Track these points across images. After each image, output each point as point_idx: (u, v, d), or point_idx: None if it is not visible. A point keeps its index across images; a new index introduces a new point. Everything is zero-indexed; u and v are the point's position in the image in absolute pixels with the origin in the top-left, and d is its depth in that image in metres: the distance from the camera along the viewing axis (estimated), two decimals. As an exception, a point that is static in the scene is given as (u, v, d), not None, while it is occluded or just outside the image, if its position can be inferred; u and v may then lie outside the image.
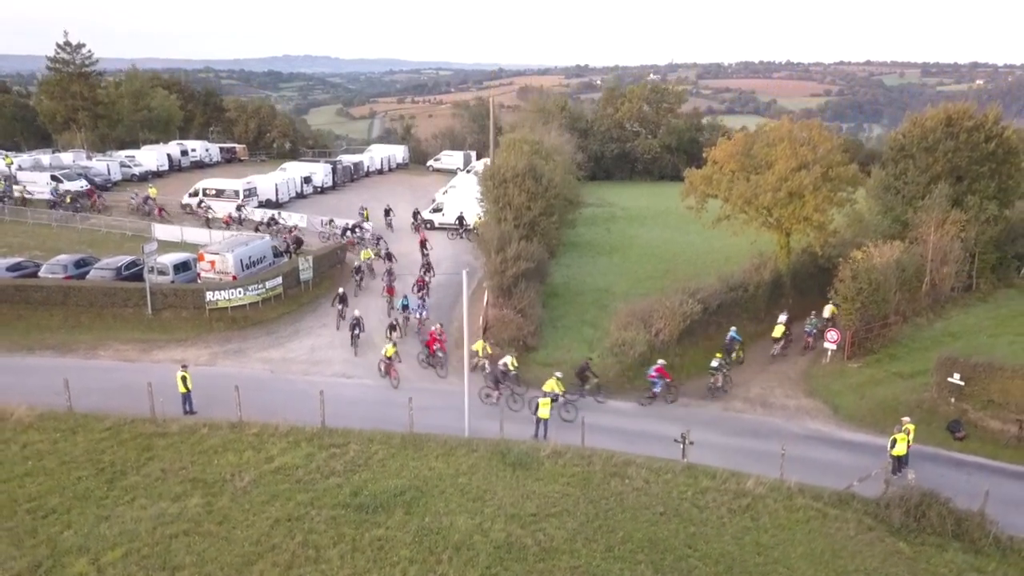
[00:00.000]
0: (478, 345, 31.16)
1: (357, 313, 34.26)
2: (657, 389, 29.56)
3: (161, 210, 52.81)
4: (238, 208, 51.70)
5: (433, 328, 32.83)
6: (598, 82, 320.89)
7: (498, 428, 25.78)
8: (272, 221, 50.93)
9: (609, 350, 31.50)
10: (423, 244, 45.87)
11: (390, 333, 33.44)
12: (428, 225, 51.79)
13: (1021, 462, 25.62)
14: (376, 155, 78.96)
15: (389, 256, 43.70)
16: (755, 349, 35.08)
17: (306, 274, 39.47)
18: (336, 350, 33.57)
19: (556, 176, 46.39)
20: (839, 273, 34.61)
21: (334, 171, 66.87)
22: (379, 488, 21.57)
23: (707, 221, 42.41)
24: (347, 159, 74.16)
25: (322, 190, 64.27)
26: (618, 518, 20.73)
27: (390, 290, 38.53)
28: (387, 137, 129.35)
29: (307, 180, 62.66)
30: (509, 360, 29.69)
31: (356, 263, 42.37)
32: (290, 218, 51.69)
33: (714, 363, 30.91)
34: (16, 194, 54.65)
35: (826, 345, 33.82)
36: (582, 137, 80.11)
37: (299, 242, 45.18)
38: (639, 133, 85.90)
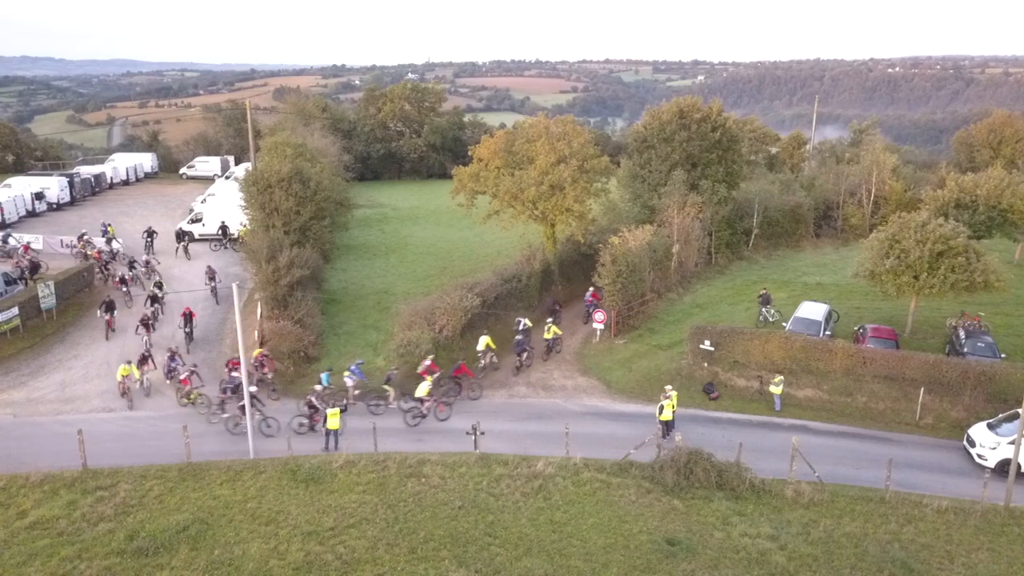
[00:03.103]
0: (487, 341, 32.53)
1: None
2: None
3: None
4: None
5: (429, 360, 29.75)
6: (357, 82, 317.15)
7: (286, 446, 24.81)
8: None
9: (395, 351, 31.42)
10: (188, 318, 34.15)
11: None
12: (188, 237, 48.11)
13: (763, 413, 29.28)
14: (120, 165, 72.01)
15: (155, 299, 36.25)
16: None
17: (48, 302, 35.18)
18: (92, 382, 30.29)
19: (324, 179, 45.26)
20: (600, 258, 37.18)
21: (71, 185, 60.09)
22: (158, 527, 19.98)
23: (478, 217, 43.59)
24: (86, 170, 66.85)
25: (58, 206, 57.58)
26: (418, 518, 20.85)
27: (186, 381, 28.72)
28: (131, 145, 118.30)
29: (39, 196, 55.83)
30: (527, 320, 34.47)
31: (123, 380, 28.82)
32: (21, 239, 45.68)
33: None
34: None
35: (594, 325, 36.26)
36: (346, 138, 78.81)
37: (36, 267, 40.08)
38: (403, 133, 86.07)
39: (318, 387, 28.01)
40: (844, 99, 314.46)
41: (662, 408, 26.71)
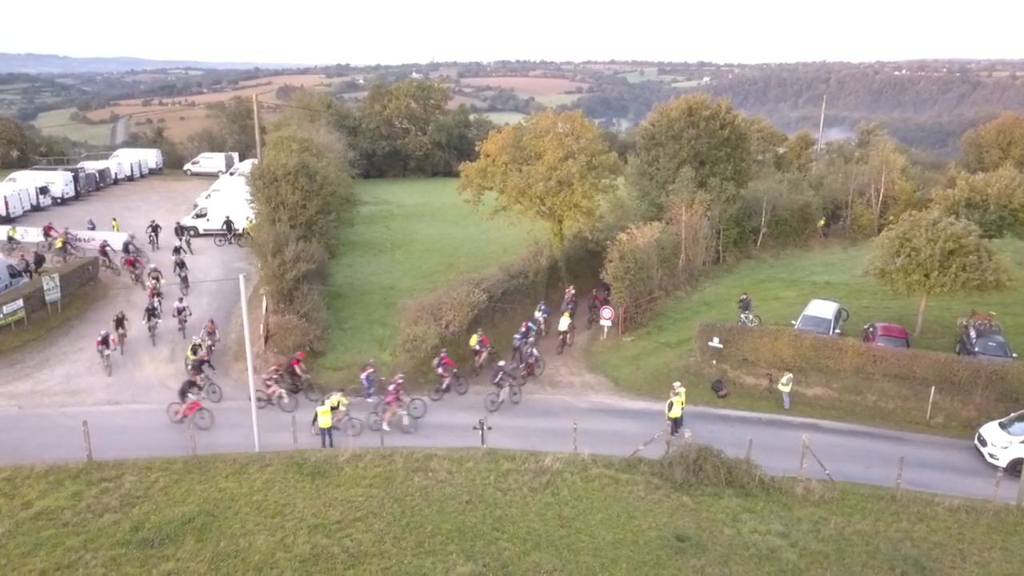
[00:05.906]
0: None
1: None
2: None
3: None
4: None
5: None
6: (360, 81, 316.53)
7: (291, 440, 24.64)
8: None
9: (401, 346, 31.27)
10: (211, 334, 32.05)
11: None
12: (192, 232, 47.99)
13: (772, 411, 29.05)
14: (125, 160, 72.05)
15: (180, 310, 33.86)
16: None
17: (52, 295, 35.06)
18: (97, 375, 30.22)
19: (330, 173, 45.12)
20: (608, 255, 36.96)
21: (76, 179, 60.07)
22: (163, 518, 19.81)
23: (484, 215, 43.40)
24: (91, 166, 66.85)
25: (63, 201, 57.55)
26: (425, 513, 20.65)
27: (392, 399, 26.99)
28: (135, 142, 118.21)
29: (43, 191, 55.80)
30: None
31: None
32: (27, 233, 45.59)
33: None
34: None
35: (602, 322, 36.05)
36: (351, 135, 78.68)
37: (40, 259, 39.98)
38: (409, 130, 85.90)
39: (531, 336, 32.92)
40: (850, 101, 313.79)
41: (671, 405, 26.49)
